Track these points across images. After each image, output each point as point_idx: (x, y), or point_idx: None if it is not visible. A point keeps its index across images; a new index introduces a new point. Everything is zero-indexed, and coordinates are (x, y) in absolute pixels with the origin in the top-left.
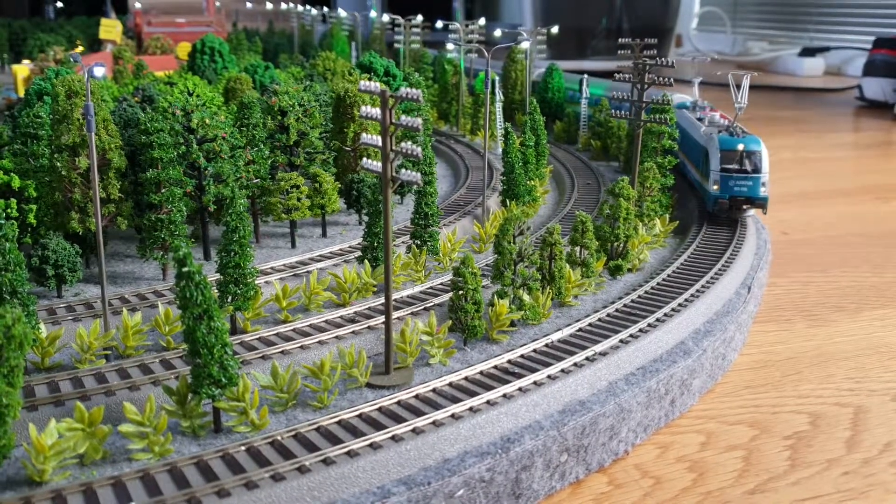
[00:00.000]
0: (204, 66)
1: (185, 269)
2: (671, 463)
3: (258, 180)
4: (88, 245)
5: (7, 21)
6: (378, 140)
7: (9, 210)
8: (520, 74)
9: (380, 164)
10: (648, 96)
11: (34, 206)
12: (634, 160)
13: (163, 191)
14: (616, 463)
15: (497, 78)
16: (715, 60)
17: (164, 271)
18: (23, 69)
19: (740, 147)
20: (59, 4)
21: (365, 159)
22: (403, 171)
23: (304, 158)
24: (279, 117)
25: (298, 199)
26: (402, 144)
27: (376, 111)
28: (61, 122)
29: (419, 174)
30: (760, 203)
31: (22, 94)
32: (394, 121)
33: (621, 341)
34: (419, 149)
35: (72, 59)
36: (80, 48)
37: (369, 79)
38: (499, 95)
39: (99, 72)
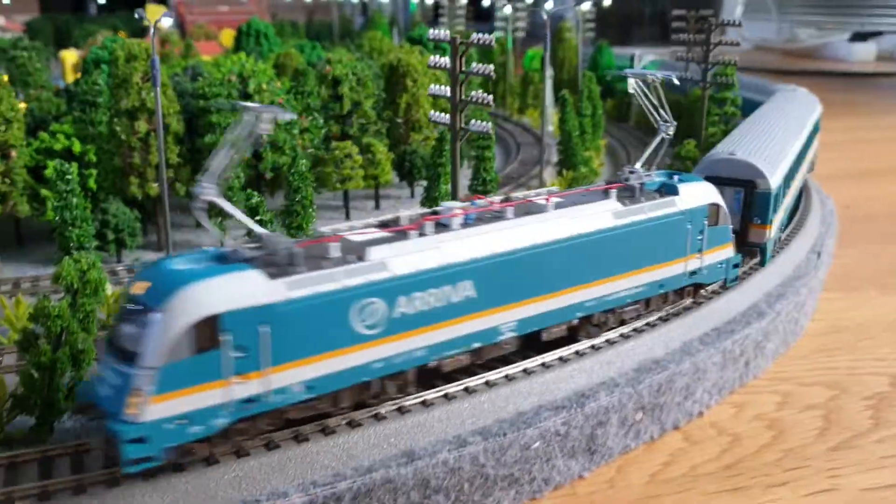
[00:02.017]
0: (250, 48)
1: None
2: (748, 421)
3: (312, 149)
4: (146, 212)
5: (51, 16)
6: (447, 90)
7: (72, 171)
8: (567, 53)
9: (447, 116)
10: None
11: (94, 171)
12: (700, 126)
13: None
14: (691, 422)
15: (546, 55)
16: (760, 48)
17: (222, 238)
18: (71, 55)
19: None
20: (101, 1)
21: (432, 112)
22: (473, 121)
23: (357, 129)
24: (333, 87)
25: (352, 169)
26: (473, 93)
27: (445, 60)
28: (120, 86)
29: (489, 123)
30: None
31: (70, 80)
32: (464, 69)
33: (694, 302)
34: (490, 96)
35: (136, 16)
36: (123, 34)
37: (420, 53)
38: (549, 72)
39: (166, 21)
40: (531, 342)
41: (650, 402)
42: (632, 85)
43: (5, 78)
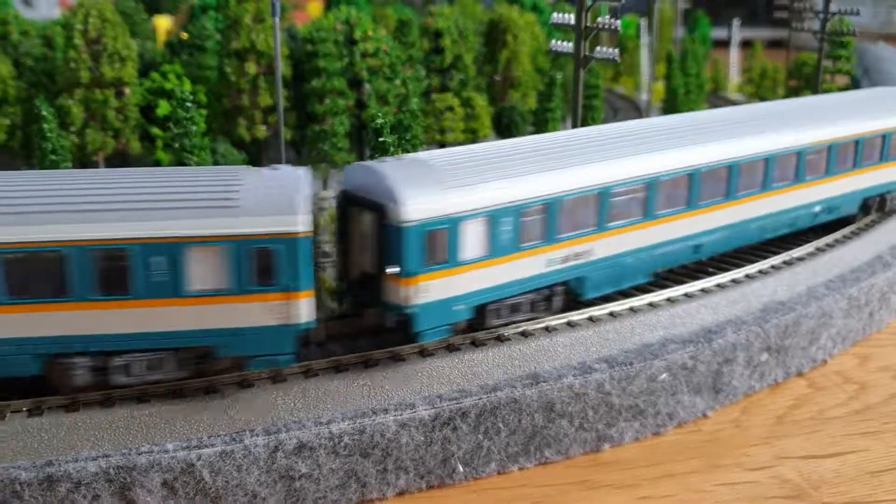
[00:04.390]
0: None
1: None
2: (874, 372)
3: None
4: (252, 156)
5: None
6: (571, 18)
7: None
8: (662, 25)
9: (570, 44)
10: None
11: (204, 112)
12: (817, 80)
13: (326, 102)
14: (815, 369)
15: (641, 22)
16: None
17: (324, 182)
18: (164, 21)
19: None
20: None
21: (553, 41)
22: (599, 48)
23: (457, 82)
24: (434, 39)
25: (452, 122)
26: (600, 20)
27: (569, 17)
28: (231, 27)
29: (616, 50)
30: None
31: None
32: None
33: (818, 249)
34: (618, 22)
35: None
36: None
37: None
38: (645, 39)
39: None
40: None
41: (776, 344)
42: None
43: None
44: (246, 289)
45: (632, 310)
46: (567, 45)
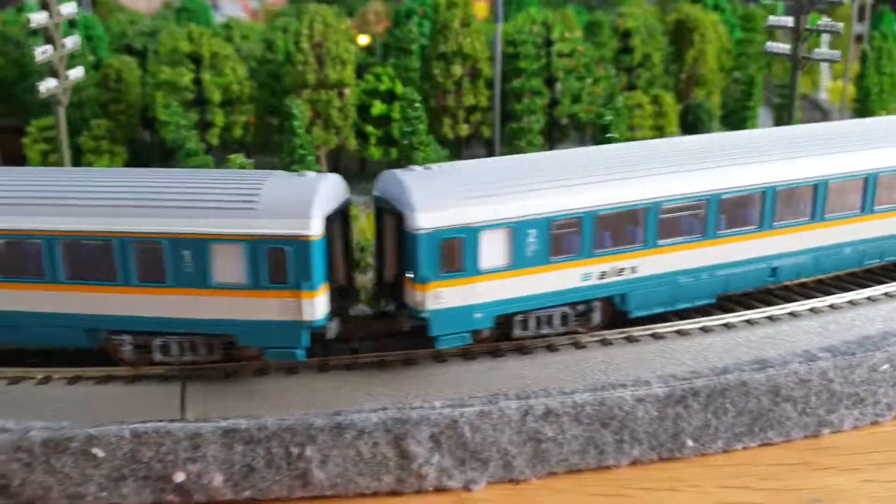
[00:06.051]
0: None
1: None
2: None
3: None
4: (453, 152)
5: None
6: (789, 21)
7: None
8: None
9: (787, 46)
10: None
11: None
12: None
13: (524, 100)
14: None
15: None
16: None
17: None
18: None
19: None
20: None
21: (769, 43)
22: (816, 50)
23: (645, 81)
24: (622, 39)
25: (641, 119)
26: (820, 22)
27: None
28: (440, 31)
29: (837, 52)
30: None
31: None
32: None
33: None
34: (840, 25)
35: None
36: None
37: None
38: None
39: None
40: None
41: None
42: None
43: (343, 24)
44: (262, 285)
45: (851, 302)
46: (783, 47)
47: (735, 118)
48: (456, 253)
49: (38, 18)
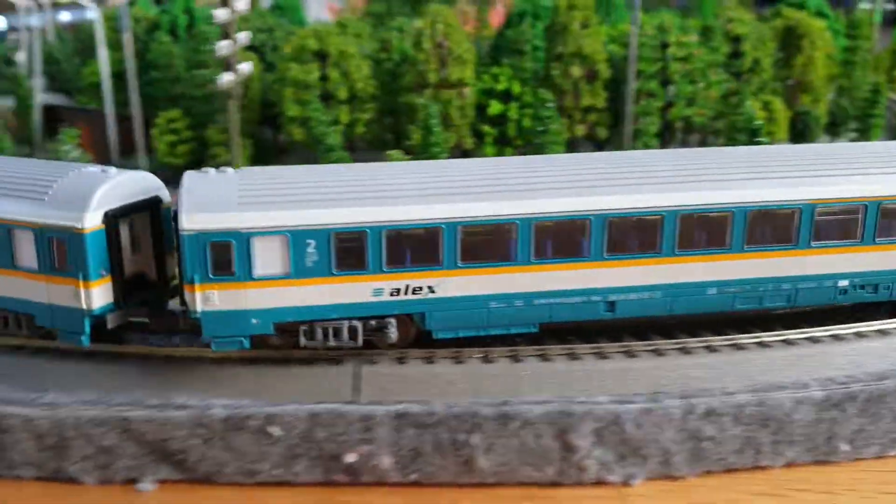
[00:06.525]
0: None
1: None
2: None
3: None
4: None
5: None
6: None
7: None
8: None
9: None
10: None
11: (530, 111)
12: None
13: (641, 102)
14: None
15: None
16: None
17: None
18: None
19: None
20: None
21: None
22: None
23: (756, 86)
24: (733, 44)
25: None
26: None
27: None
28: (559, 33)
29: None
30: None
31: None
32: None
33: None
34: None
35: None
36: None
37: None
38: None
39: None
40: None
41: None
42: None
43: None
44: (49, 271)
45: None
46: None
47: (863, 126)
48: (226, 257)
49: (221, 15)
